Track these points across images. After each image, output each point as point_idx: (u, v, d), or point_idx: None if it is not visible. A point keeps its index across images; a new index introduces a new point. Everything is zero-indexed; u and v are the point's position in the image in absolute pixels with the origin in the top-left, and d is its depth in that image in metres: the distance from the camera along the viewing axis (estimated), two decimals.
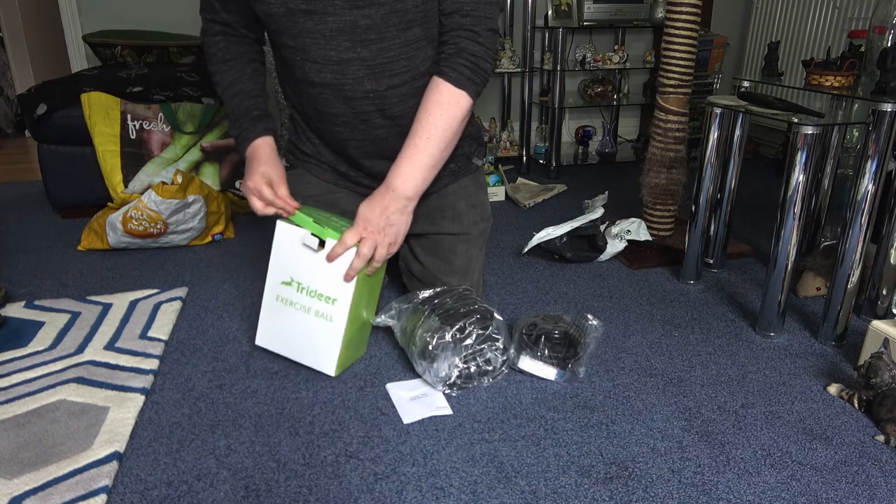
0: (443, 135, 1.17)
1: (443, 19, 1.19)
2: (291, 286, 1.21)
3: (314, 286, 1.19)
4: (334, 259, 1.15)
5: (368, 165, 1.36)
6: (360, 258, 1.14)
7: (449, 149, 1.21)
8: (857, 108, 1.53)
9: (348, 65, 1.19)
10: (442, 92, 1.17)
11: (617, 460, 1.04)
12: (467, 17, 1.17)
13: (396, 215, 1.18)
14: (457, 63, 1.17)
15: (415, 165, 1.17)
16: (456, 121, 1.18)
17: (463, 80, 1.17)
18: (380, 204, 1.17)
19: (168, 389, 1.24)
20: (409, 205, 1.19)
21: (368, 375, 1.28)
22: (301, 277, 1.20)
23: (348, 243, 1.14)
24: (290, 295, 1.22)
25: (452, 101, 1.17)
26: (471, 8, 1.16)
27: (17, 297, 1.64)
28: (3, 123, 3.90)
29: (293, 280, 1.21)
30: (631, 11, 2.72)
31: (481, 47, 1.18)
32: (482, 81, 1.20)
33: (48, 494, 0.95)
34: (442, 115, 1.16)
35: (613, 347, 1.39)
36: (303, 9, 1.15)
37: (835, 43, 2.59)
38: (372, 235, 1.15)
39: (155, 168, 2.07)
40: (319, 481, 1.00)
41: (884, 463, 1.04)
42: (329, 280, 1.18)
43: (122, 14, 2.79)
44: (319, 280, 1.18)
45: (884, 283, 1.47)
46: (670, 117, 1.84)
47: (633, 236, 1.87)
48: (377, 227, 1.16)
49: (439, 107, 1.17)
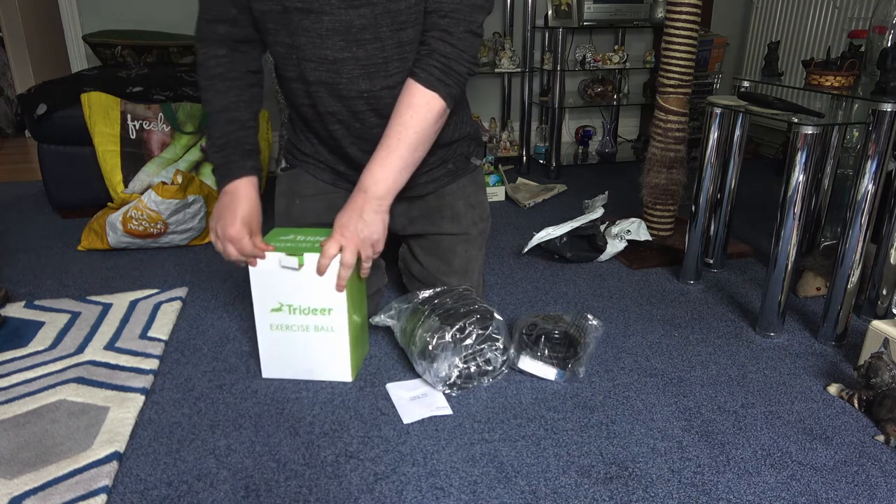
0: (414, 136, 1.16)
1: (425, 18, 1.18)
2: (282, 311, 1.20)
3: (306, 303, 1.19)
4: (324, 271, 1.15)
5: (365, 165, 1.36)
6: (345, 267, 1.14)
7: (422, 150, 1.19)
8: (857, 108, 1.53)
9: (343, 64, 1.19)
10: (413, 93, 1.16)
11: (617, 460, 1.04)
12: (445, 17, 1.15)
13: (371, 215, 1.16)
14: (428, 64, 1.16)
15: (386, 167, 1.16)
16: (427, 122, 1.17)
17: (433, 81, 1.15)
18: (354, 208, 1.16)
19: (168, 389, 1.24)
20: (382, 204, 1.18)
21: (368, 375, 1.28)
22: (290, 299, 1.19)
23: (331, 253, 1.13)
24: (284, 320, 1.21)
25: (423, 102, 1.16)
26: (450, 9, 1.15)
27: (17, 297, 1.64)
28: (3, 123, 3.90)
29: (282, 304, 1.20)
30: (631, 11, 2.72)
31: (454, 49, 1.16)
32: (455, 83, 1.18)
33: (48, 494, 0.95)
34: (413, 116, 1.15)
35: (613, 347, 1.39)
36: (299, 7, 1.14)
37: (835, 43, 2.59)
38: (351, 242, 1.14)
39: (155, 168, 2.07)
40: (319, 481, 1.00)
41: (884, 463, 1.04)
42: (319, 292, 1.17)
43: (122, 14, 2.79)
44: (309, 296, 1.18)
45: (884, 283, 1.47)
46: (670, 117, 1.84)
47: (633, 236, 1.87)
48: (354, 231, 1.15)
49: (410, 108, 1.16)
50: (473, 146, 1.49)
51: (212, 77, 1.22)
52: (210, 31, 1.22)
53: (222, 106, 1.21)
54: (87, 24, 2.79)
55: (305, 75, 1.21)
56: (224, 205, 1.19)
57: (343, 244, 1.14)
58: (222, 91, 1.22)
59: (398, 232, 1.47)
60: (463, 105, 1.43)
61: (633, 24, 2.76)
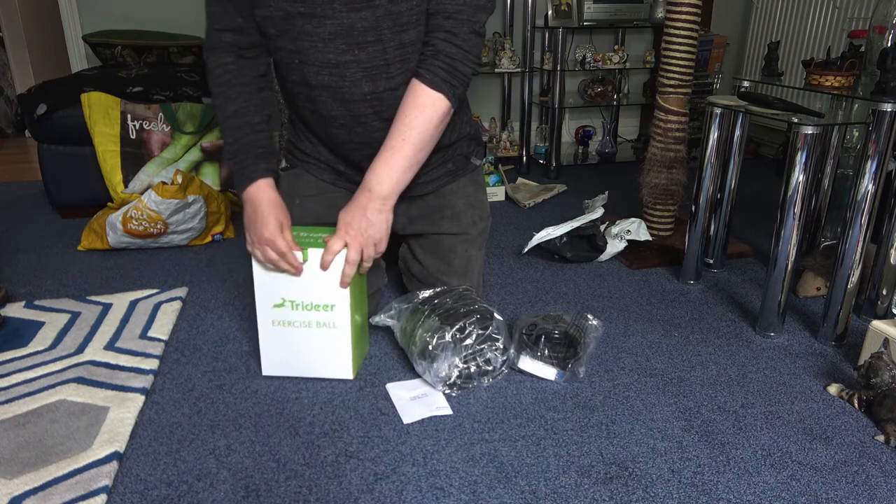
0: (419, 136, 1.17)
1: (429, 20, 1.19)
2: (284, 307, 1.21)
3: (309, 299, 1.19)
4: (328, 267, 1.16)
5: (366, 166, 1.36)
6: (350, 264, 1.15)
7: (426, 150, 1.20)
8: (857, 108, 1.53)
9: (346, 67, 1.19)
10: (419, 94, 1.17)
11: (617, 460, 1.04)
12: (449, 19, 1.16)
13: (375, 214, 1.18)
14: (433, 65, 1.17)
15: (390, 166, 1.17)
16: (432, 123, 1.18)
17: (439, 81, 1.17)
18: (358, 206, 1.17)
19: (168, 389, 1.24)
20: (386, 204, 1.19)
21: (368, 375, 1.28)
22: (292, 295, 1.20)
23: (335, 249, 1.15)
24: (286, 316, 1.22)
25: (428, 103, 1.17)
26: (454, 10, 1.16)
27: (17, 297, 1.64)
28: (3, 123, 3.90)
29: (284, 300, 1.20)
30: (631, 11, 2.72)
31: (459, 50, 1.17)
32: (460, 84, 1.19)
33: (48, 494, 0.95)
34: (418, 117, 1.16)
35: (613, 347, 1.39)
36: (301, 12, 1.15)
37: (835, 43, 2.59)
38: (356, 239, 1.15)
39: (155, 168, 2.07)
40: (319, 481, 1.00)
41: (884, 463, 1.04)
42: (322, 288, 1.18)
43: (122, 14, 2.79)
44: (312, 291, 1.18)
45: (884, 283, 1.47)
46: (670, 117, 1.84)
47: (633, 236, 1.87)
48: (358, 229, 1.16)
49: (416, 109, 1.17)
50: (473, 146, 1.49)
51: (221, 84, 1.23)
52: (217, 39, 1.22)
53: (232, 112, 1.22)
54: (87, 24, 2.79)
55: (308, 79, 1.22)
56: (250, 213, 1.20)
57: (347, 241, 1.15)
58: (232, 97, 1.23)
59: (398, 231, 1.47)
60: (463, 105, 1.43)
61: (633, 24, 2.76)
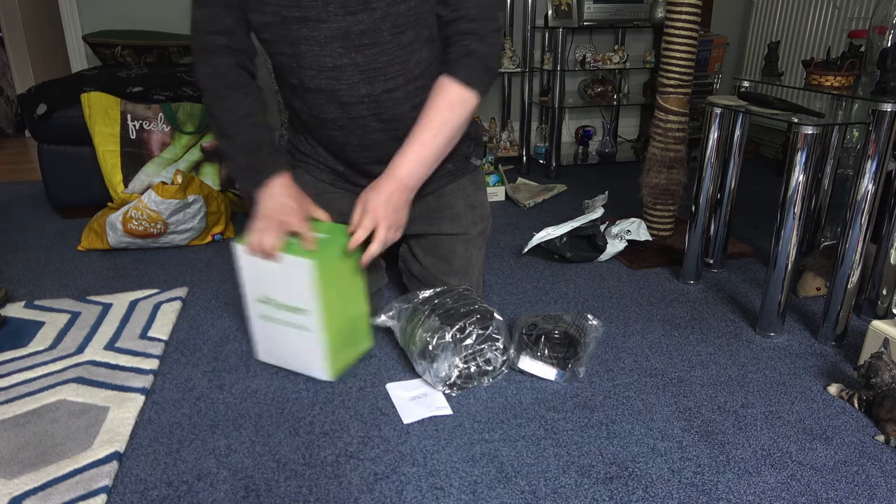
0: (450, 132, 1.22)
1: (448, 25, 1.22)
2: (267, 304, 1.22)
3: (284, 299, 1.19)
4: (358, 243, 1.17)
5: (366, 168, 1.37)
6: (378, 243, 1.18)
7: (452, 146, 1.26)
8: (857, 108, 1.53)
9: (343, 70, 1.20)
10: (452, 91, 1.21)
11: (617, 460, 1.04)
12: (473, 21, 1.20)
13: (401, 202, 1.22)
14: (467, 64, 1.21)
15: (420, 161, 1.21)
16: (463, 119, 1.23)
17: (473, 80, 1.21)
18: (385, 191, 1.20)
19: (168, 389, 1.24)
20: (411, 195, 1.24)
21: (368, 375, 1.28)
22: (272, 293, 1.20)
23: (369, 226, 1.17)
24: (269, 312, 1.23)
25: (461, 100, 1.21)
26: (476, 13, 1.19)
27: (17, 297, 1.64)
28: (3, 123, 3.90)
29: (266, 297, 1.21)
30: (631, 11, 2.72)
31: (490, 48, 1.22)
32: (492, 81, 1.25)
33: (48, 494, 0.95)
34: (452, 113, 1.21)
35: (613, 347, 1.39)
36: (297, 16, 1.15)
37: (835, 43, 2.59)
38: (386, 220, 1.19)
39: (155, 168, 2.07)
40: (319, 481, 1.00)
41: (884, 463, 1.04)
42: (294, 291, 1.17)
43: (122, 14, 2.79)
44: (287, 293, 1.18)
45: (884, 283, 1.47)
46: (670, 117, 1.84)
47: (633, 236, 1.87)
48: (385, 213, 1.19)
49: (449, 105, 1.21)
50: (473, 146, 1.49)
51: (228, 87, 1.22)
52: (212, 42, 1.20)
53: (246, 112, 1.23)
54: (87, 24, 2.79)
55: (305, 83, 1.22)
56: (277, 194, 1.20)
57: (378, 221, 1.18)
58: (240, 99, 1.23)
59: None
60: None
61: (633, 24, 2.76)
